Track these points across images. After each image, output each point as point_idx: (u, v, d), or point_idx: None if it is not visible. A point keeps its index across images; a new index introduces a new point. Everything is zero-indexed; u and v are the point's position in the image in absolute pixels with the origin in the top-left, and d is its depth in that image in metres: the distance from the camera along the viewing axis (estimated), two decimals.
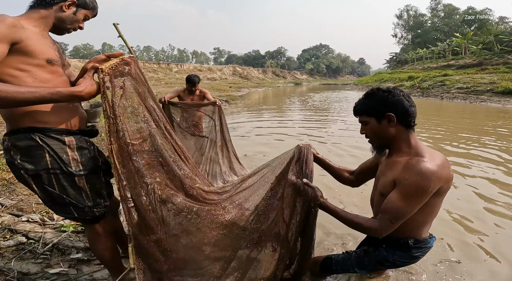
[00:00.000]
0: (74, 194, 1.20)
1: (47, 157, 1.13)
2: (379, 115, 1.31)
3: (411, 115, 1.29)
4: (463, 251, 1.96)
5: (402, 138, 1.31)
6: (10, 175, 2.93)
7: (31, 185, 1.17)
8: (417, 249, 1.38)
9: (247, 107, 11.72)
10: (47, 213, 2.35)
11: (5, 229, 2.00)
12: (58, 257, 1.81)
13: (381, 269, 1.56)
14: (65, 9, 1.23)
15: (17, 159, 1.13)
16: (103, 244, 1.36)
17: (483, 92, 12.72)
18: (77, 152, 1.19)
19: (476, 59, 20.82)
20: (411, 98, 1.33)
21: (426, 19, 48.34)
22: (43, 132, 1.13)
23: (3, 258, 1.75)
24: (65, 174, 1.17)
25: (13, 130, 1.13)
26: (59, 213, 1.27)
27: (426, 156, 1.24)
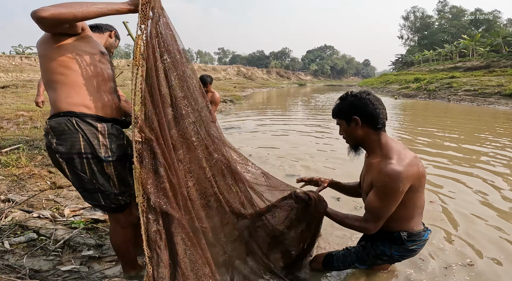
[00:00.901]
0: (102, 180, 1.24)
1: (81, 141, 1.18)
2: (347, 118, 1.42)
3: (376, 117, 1.36)
4: (477, 253, 1.92)
5: (371, 139, 1.40)
6: (20, 171, 2.94)
7: (64, 169, 1.22)
8: (412, 242, 1.46)
9: (251, 107, 11.70)
10: (57, 210, 2.35)
11: (16, 225, 2.00)
12: (69, 254, 1.80)
13: (380, 263, 1.59)
14: (112, 37, 1.66)
15: (53, 143, 1.19)
16: (122, 235, 1.39)
17: (490, 95, 12.56)
18: (107, 139, 1.23)
19: (484, 61, 20.59)
20: (378, 101, 1.40)
21: (433, 20, 47.95)
22: (79, 116, 1.19)
23: (14, 255, 1.74)
24: (96, 159, 1.21)
25: (54, 114, 1.20)
26: (87, 200, 1.31)
27: (394, 157, 1.32)
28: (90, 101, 1.21)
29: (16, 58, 20.84)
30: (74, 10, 1.04)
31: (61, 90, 1.19)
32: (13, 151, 3.46)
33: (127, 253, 1.46)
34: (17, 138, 4.07)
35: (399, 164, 1.29)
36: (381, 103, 1.40)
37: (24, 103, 7.96)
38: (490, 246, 1.99)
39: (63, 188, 2.78)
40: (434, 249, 1.95)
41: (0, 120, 5.57)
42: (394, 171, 1.27)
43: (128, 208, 1.37)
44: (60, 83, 1.19)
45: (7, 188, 2.63)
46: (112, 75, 1.36)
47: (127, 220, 1.38)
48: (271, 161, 3.91)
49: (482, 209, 2.57)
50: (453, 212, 2.51)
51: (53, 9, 1.01)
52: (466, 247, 1.99)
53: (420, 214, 1.48)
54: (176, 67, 1.27)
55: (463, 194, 2.89)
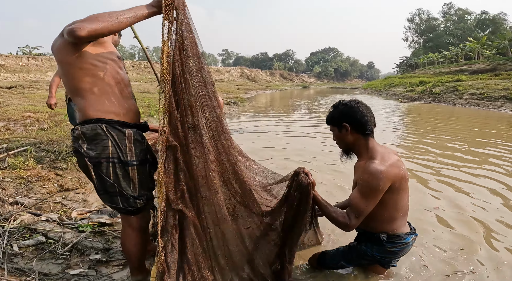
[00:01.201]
0: (124, 183, 1.30)
1: (110, 146, 1.25)
2: (339, 124, 1.55)
3: (364, 124, 1.50)
4: (480, 260, 1.90)
5: (360, 144, 1.53)
6: (27, 173, 2.98)
7: (91, 172, 1.28)
8: (392, 244, 1.54)
9: (255, 109, 11.72)
10: (64, 213, 2.37)
11: (25, 228, 2.02)
12: (77, 258, 1.81)
13: (365, 263, 1.68)
14: (116, 34, 1.67)
15: (83, 147, 1.25)
16: (134, 238, 1.42)
17: (496, 99, 12.44)
18: (133, 144, 1.30)
19: (490, 64, 20.42)
20: (367, 109, 1.53)
21: (438, 23, 47.68)
22: (109, 123, 1.26)
23: (23, 258, 1.76)
24: (121, 163, 1.28)
25: (85, 120, 1.26)
26: (106, 202, 1.39)
27: (377, 158, 1.46)
28: (117, 108, 1.29)
29: (23, 58, 21.11)
30: (108, 25, 1.06)
31: (90, 98, 1.25)
32: (20, 153, 3.50)
33: (136, 257, 1.48)
34: (24, 140, 4.11)
35: (381, 164, 1.43)
36: (370, 111, 1.54)
37: (31, 104, 8.05)
38: (493, 254, 1.98)
39: (70, 191, 2.81)
40: (436, 255, 1.95)
41: (7, 121, 5.64)
42: (376, 169, 1.41)
43: (142, 212, 1.42)
44: (89, 92, 1.24)
45: (15, 191, 2.66)
46: (128, 79, 1.41)
47: (139, 223, 1.42)
48: (277, 161, 3.92)
49: (487, 216, 2.54)
50: (457, 218, 2.49)
51: (89, 27, 1.03)
52: (468, 254, 1.97)
53: (402, 217, 1.56)
54: (197, 73, 1.30)
55: (468, 199, 2.86)
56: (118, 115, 1.28)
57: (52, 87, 3.26)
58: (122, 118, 1.30)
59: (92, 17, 1.06)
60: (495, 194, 3.01)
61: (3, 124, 5.34)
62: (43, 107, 7.51)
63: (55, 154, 3.64)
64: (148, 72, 25.75)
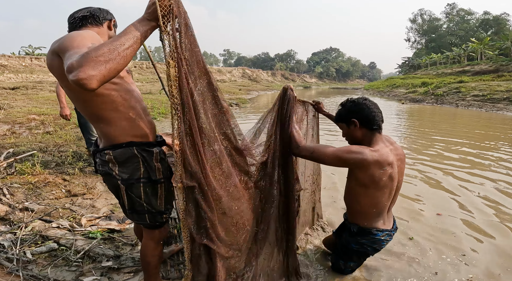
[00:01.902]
0: (153, 201, 1.34)
1: (141, 167, 1.28)
2: (347, 121, 1.63)
3: (372, 120, 1.57)
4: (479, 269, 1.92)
5: (368, 139, 1.60)
6: (35, 178, 3.01)
7: (123, 194, 1.31)
8: (361, 237, 1.66)
9: (257, 110, 11.73)
10: (74, 219, 2.40)
11: (37, 235, 2.05)
12: (89, 265, 1.84)
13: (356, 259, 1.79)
14: (111, 28, 1.38)
15: (115, 171, 1.27)
16: (155, 250, 1.46)
17: (499, 100, 12.42)
18: (159, 163, 1.32)
19: (493, 65, 20.37)
20: (374, 105, 1.61)
21: (441, 23, 47.52)
22: (139, 145, 1.27)
23: (37, 265, 1.79)
24: (151, 182, 1.31)
25: (115, 145, 1.25)
26: (134, 220, 1.42)
27: (372, 147, 1.54)
28: (142, 129, 1.29)
29: (26, 59, 21.22)
30: (115, 64, 0.89)
31: (115, 124, 1.22)
32: (27, 158, 3.54)
33: (154, 267, 1.51)
34: (31, 144, 4.16)
35: (369, 150, 1.51)
36: (377, 107, 1.62)
37: (35, 106, 8.11)
38: (496, 259, 2.00)
39: (78, 196, 2.84)
40: (437, 263, 1.97)
41: (13, 124, 5.69)
42: (365, 147, 1.54)
43: (165, 225, 1.47)
44: (112, 118, 1.21)
45: (24, 196, 2.70)
46: (140, 94, 1.37)
47: (161, 236, 1.47)
48: None
49: (492, 223, 2.56)
50: (459, 226, 2.51)
51: (97, 75, 0.85)
52: (467, 262, 1.99)
53: (377, 213, 1.63)
54: (207, 94, 1.23)
55: (470, 207, 2.88)
56: (144, 137, 1.30)
57: (61, 97, 3.17)
58: (147, 139, 1.31)
59: (91, 58, 0.85)
60: (504, 201, 3.02)
61: (8, 127, 5.39)
62: (47, 109, 7.56)
63: (61, 158, 3.68)
64: (150, 72, 25.84)
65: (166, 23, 1.01)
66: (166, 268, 1.90)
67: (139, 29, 0.97)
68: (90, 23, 1.29)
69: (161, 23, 0.99)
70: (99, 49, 0.88)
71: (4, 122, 5.73)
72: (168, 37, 1.03)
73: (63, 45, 1.02)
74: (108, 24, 1.36)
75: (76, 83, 0.84)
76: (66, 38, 1.06)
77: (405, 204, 2.91)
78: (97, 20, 1.30)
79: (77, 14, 1.29)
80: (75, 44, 1.00)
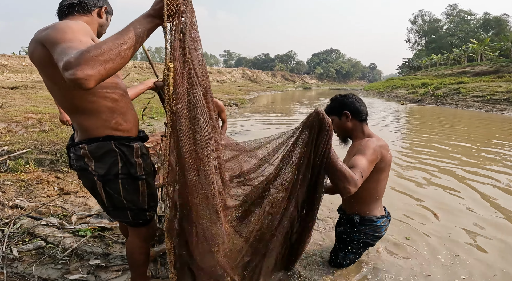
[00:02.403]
0: (134, 197, 1.28)
1: (119, 163, 1.21)
2: (339, 113, 1.77)
3: (361, 112, 1.75)
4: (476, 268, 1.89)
5: (357, 129, 1.76)
6: (28, 176, 2.98)
7: (100, 190, 1.24)
8: (363, 226, 1.74)
9: (256, 111, 11.71)
10: (64, 216, 2.37)
11: (25, 232, 2.02)
12: (77, 263, 1.80)
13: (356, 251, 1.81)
14: (102, 15, 1.31)
15: (91, 166, 1.20)
16: (141, 248, 1.41)
17: (499, 101, 12.39)
18: (141, 158, 1.27)
19: (493, 66, 20.34)
20: (361, 100, 1.79)
21: (441, 24, 47.50)
22: (117, 140, 1.21)
23: (23, 263, 1.76)
24: (131, 178, 1.25)
25: (91, 139, 1.18)
26: (115, 218, 1.36)
27: (374, 137, 1.72)
28: (122, 123, 1.22)
29: (26, 58, 21.21)
30: (115, 64, 0.86)
31: (94, 116, 1.16)
32: (21, 156, 3.51)
33: (142, 265, 1.48)
34: (26, 142, 4.12)
35: (378, 141, 1.67)
36: (363, 102, 1.80)
37: (33, 105, 8.08)
38: (492, 260, 1.96)
39: (70, 194, 2.80)
40: (431, 264, 1.93)
41: (9, 122, 5.66)
42: (375, 141, 1.65)
43: (152, 223, 1.42)
44: (92, 110, 1.15)
45: (15, 194, 2.66)
46: (125, 87, 1.31)
47: (148, 234, 1.41)
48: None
49: (491, 223, 2.52)
50: (456, 227, 2.47)
51: (96, 74, 0.82)
52: (463, 265, 1.95)
53: (377, 200, 1.75)
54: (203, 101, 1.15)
55: (471, 207, 2.84)
56: (124, 131, 1.23)
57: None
58: (128, 133, 1.25)
59: (91, 57, 0.82)
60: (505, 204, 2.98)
61: (5, 125, 5.36)
62: (45, 108, 7.54)
63: (55, 156, 3.65)
64: (150, 72, 25.83)
65: (171, 23, 0.96)
66: (156, 266, 1.86)
67: (142, 26, 0.94)
68: (78, 11, 1.23)
69: (165, 23, 0.94)
70: (99, 48, 0.84)
71: (1, 120, 5.71)
72: (171, 38, 0.98)
73: (52, 36, 0.97)
74: (99, 11, 1.28)
75: (73, 82, 0.81)
76: (54, 29, 1.00)
77: (403, 203, 2.87)
78: (85, 8, 1.23)
79: (65, 2, 1.24)
80: (67, 37, 0.95)
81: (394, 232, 2.30)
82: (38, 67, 1.12)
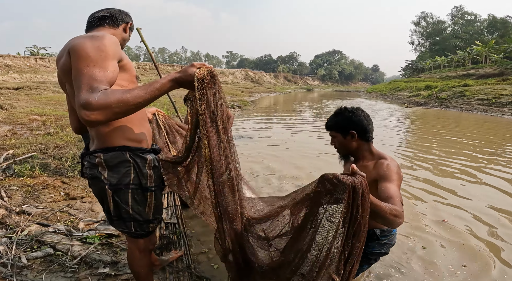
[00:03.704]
0: (141, 208, 1.30)
1: (132, 173, 1.24)
2: (344, 131, 1.61)
3: (369, 131, 1.60)
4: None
5: (363, 149, 1.62)
6: (34, 181, 2.98)
7: (109, 199, 1.25)
8: (384, 237, 1.67)
9: (259, 113, 11.70)
10: (71, 223, 2.36)
11: (33, 239, 2.01)
12: (86, 271, 1.79)
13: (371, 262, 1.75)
14: (127, 30, 1.39)
15: (104, 174, 1.22)
16: (140, 260, 1.41)
17: (504, 105, 12.28)
18: (152, 170, 1.29)
19: (497, 69, 20.22)
20: (369, 117, 1.63)
21: (445, 26, 47.28)
22: (132, 150, 1.24)
23: (32, 271, 1.75)
24: (141, 189, 1.27)
25: (107, 148, 1.21)
26: (118, 227, 1.35)
27: (387, 158, 1.58)
28: (138, 135, 1.27)
29: (30, 59, 21.36)
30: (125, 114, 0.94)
31: (113, 125, 1.20)
32: (26, 160, 3.51)
33: (144, 277, 1.47)
34: (31, 146, 4.13)
35: (392, 161, 1.54)
36: (371, 119, 1.65)
37: (37, 107, 8.12)
38: (493, 268, 1.92)
39: (77, 199, 2.80)
40: (439, 271, 1.90)
41: (14, 125, 5.68)
42: (395, 163, 1.53)
43: (150, 235, 1.41)
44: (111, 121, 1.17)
45: (21, 199, 2.66)
46: None
47: (146, 245, 1.41)
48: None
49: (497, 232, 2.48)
50: (463, 233, 2.43)
51: (104, 120, 0.90)
52: (467, 272, 1.92)
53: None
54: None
55: (477, 212, 2.80)
56: (139, 142, 1.28)
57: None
58: (142, 145, 1.29)
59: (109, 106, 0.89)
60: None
61: (10, 127, 5.38)
62: (49, 110, 7.57)
63: (61, 161, 3.65)
64: (153, 73, 25.92)
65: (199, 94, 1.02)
66: (165, 275, 1.84)
67: (164, 89, 1.00)
68: (108, 23, 1.31)
69: (197, 100, 1.02)
70: (120, 99, 0.91)
71: (5, 123, 5.72)
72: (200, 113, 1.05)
73: (83, 53, 0.99)
74: (124, 27, 1.37)
75: (82, 119, 0.90)
76: (86, 44, 1.01)
77: (409, 208, 2.84)
78: (114, 22, 1.32)
79: (98, 14, 1.32)
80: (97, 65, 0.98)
81: (400, 238, 2.27)
82: (63, 73, 1.13)
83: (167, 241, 2.21)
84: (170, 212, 2.61)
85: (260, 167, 4.21)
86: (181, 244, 2.18)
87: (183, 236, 2.25)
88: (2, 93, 10.78)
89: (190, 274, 1.85)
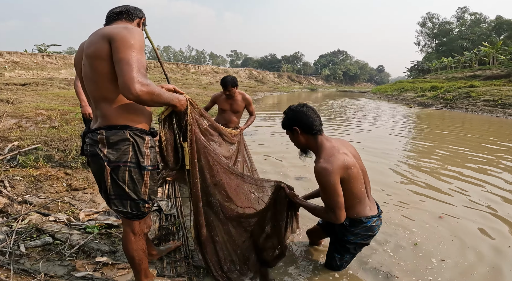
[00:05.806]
0: (137, 187, 1.35)
1: (130, 151, 1.31)
2: (290, 128, 1.75)
3: (310, 125, 1.67)
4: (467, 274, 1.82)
5: (311, 143, 1.72)
6: (37, 172, 3.01)
7: (106, 177, 1.31)
8: (354, 228, 1.73)
9: (263, 111, 11.68)
10: (72, 213, 2.38)
11: (33, 228, 2.03)
12: (83, 260, 1.81)
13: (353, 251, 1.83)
14: (140, 25, 1.52)
15: (103, 151, 1.29)
16: (135, 243, 1.44)
17: (510, 106, 12.10)
18: (149, 150, 1.37)
19: (505, 70, 19.93)
20: (312, 111, 1.70)
21: (452, 27, 46.71)
22: (133, 130, 1.33)
23: (30, 259, 1.76)
24: (139, 168, 1.34)
25: (110, 126, 1.30)
26: (114, 206, 1.39)
27: (322, 157, 1.63)
28: (140, 116, 1.37)
29: (38, 56, 21.60)
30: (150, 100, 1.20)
31: (117, 106, 1.31)
32: (31, 151, 3.55)
33: (139, 262, 1.48)
34: (36, 138, 4.17)
35: (325, 162, 1.58)
36: (315, 112, 1.72)
37: (43, 102, 8.21)
38: (491, 264, 1.90)
39: (79, 191, 2.82)
40: (433, 266, 1.88)
41: (20, 118, 5.75)
42: (321, 168, 1.57)
43: (146, 217, 1.46)
44: (118, 100, 1.30)
45: (24, 189, 2.69)
46: None
47: (141, 228, 1.45)
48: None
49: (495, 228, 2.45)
50: (459, 229, 2.41)
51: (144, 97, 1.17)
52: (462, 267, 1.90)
53: (360, 203, 1.70)
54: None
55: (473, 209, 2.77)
56: (140, 123, 1.36)
57: (81, 95, 3.02)
58: (142, 126, 1.37)
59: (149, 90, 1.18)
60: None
61: (16, 121, 5.45)
62: (55, 105, 7.65)
63: (65, 153, 3.68)
64: (158, 71, 26.04)
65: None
66: (162, 265, 1.85)
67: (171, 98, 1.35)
68: (125, 18, 1.44)
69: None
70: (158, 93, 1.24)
71: (12, 116, 5.80)
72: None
73: (127, 41, 1.19)
74: (138, 21, 1.50)
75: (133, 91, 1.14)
76: (128, 34, 1.21)
77: (407, 204, 2.82)
78: (130, 17, 1.46)
79: (116, 9, 1.45)
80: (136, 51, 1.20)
81: (399, 233, 2.25)
82: (90, 58, 1.25)
83: (166, 232, 2.22)
84: (170, 204, 2.62)
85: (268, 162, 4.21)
86: (179, 235, 2.19)
87: (182, 228, 2.26)
88: (9, 89, 10.93)
89: (187, 264, 1.86)
